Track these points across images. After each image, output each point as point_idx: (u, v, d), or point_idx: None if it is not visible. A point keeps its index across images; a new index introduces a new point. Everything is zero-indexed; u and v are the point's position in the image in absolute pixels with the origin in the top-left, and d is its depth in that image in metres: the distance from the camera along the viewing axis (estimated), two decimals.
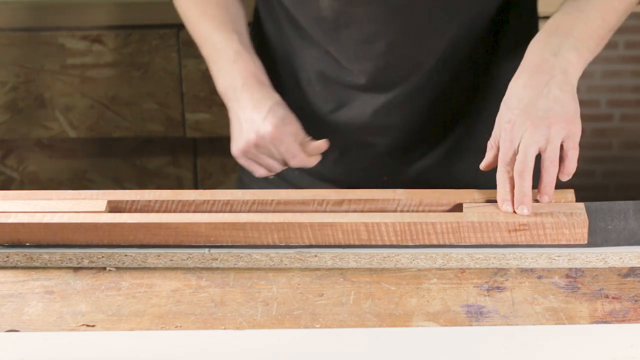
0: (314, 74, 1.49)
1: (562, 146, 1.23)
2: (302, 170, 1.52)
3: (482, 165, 1.27)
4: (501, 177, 1.23)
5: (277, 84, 1.46)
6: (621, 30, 3.06)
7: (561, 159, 1.23)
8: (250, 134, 1.38)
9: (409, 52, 1.42)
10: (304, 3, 1.42)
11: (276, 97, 1.40)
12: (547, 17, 1.32)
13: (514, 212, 1.20)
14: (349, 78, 1.46)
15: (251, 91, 1.39)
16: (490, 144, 1.26)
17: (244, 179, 1.61)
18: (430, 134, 1.51)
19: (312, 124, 1.45)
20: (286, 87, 1.49)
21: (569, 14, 1.30)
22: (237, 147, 1.41)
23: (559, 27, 1.28)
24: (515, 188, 1.21)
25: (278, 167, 1.41)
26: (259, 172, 1.42)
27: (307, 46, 1.47)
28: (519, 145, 1.21)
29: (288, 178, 1.55)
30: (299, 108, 1.45)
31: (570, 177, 1.23)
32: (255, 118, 1.37)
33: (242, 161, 1.42)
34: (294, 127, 1.39)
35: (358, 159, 1.53)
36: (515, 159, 1.21)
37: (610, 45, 2.87)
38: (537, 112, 1.22)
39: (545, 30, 1.29)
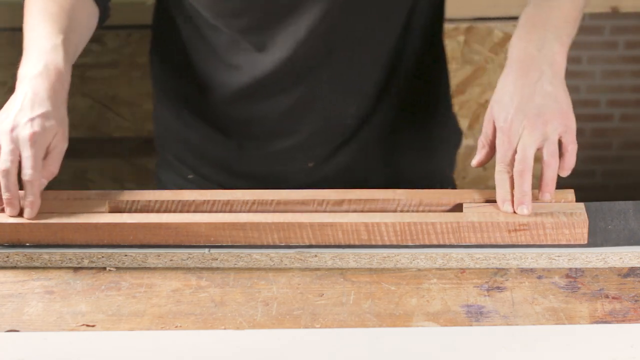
0: (227, 64, 1.46)
1: (560, 142, 1.23)
2: (220, 167, 1.49)
3: (475, 163, 1.27)
4: (500, 177, 1.22)
5: (191, 76, 1.45)
6: (621, 30, 3.06)
7: (560, 155, 1.23)
8: (6, 124, 1.25)
9: (325, 37, 1.41)
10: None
11: (57, 107, 1.27)
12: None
13: (514, 212, 1.20)
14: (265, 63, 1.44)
15: (39, 86, 1.28)
16: (482, 142, 1.26)
17: (162, 177, 1.59)
18: (352, 117, 1.50)
19: (231, 113, 1.44)
20: (200, 80, 1.47)
21: (539, 6, 1.31)
22: None
23: (536, 21, 1.29)
24: (515, 188, 1.21)
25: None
26: None
27: (219, 35, 1.45)
28: (517, 145, 1.21)
29: (206, 175, 1.53)
30: (213, 97, 1.44)
31: (569, 172, 1.23)
32: (22, 114, 1.26)
33: None
34: (51, 140, 1.26)
35: (281, 147, 1.51)
36: (514, 159, 1.21)
37: (610, 45, 2.88)
38: (532, 109, 1.22)
39: (523, 25, 1.29)
